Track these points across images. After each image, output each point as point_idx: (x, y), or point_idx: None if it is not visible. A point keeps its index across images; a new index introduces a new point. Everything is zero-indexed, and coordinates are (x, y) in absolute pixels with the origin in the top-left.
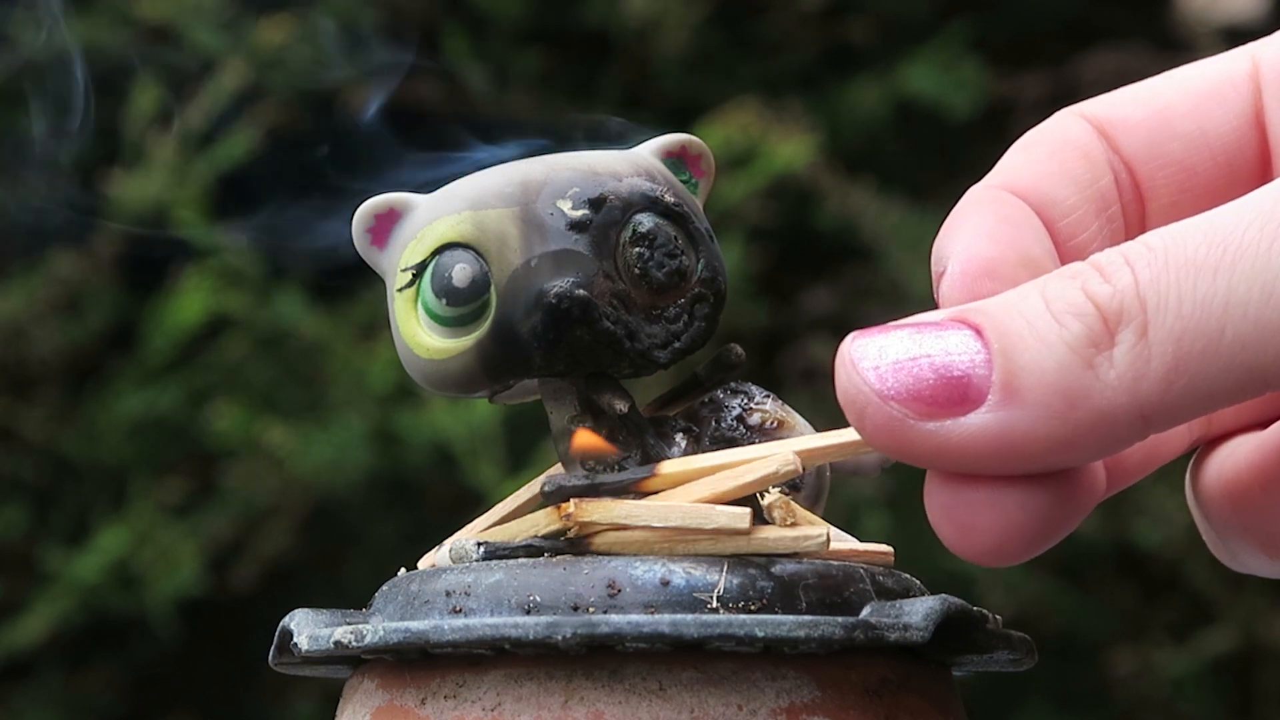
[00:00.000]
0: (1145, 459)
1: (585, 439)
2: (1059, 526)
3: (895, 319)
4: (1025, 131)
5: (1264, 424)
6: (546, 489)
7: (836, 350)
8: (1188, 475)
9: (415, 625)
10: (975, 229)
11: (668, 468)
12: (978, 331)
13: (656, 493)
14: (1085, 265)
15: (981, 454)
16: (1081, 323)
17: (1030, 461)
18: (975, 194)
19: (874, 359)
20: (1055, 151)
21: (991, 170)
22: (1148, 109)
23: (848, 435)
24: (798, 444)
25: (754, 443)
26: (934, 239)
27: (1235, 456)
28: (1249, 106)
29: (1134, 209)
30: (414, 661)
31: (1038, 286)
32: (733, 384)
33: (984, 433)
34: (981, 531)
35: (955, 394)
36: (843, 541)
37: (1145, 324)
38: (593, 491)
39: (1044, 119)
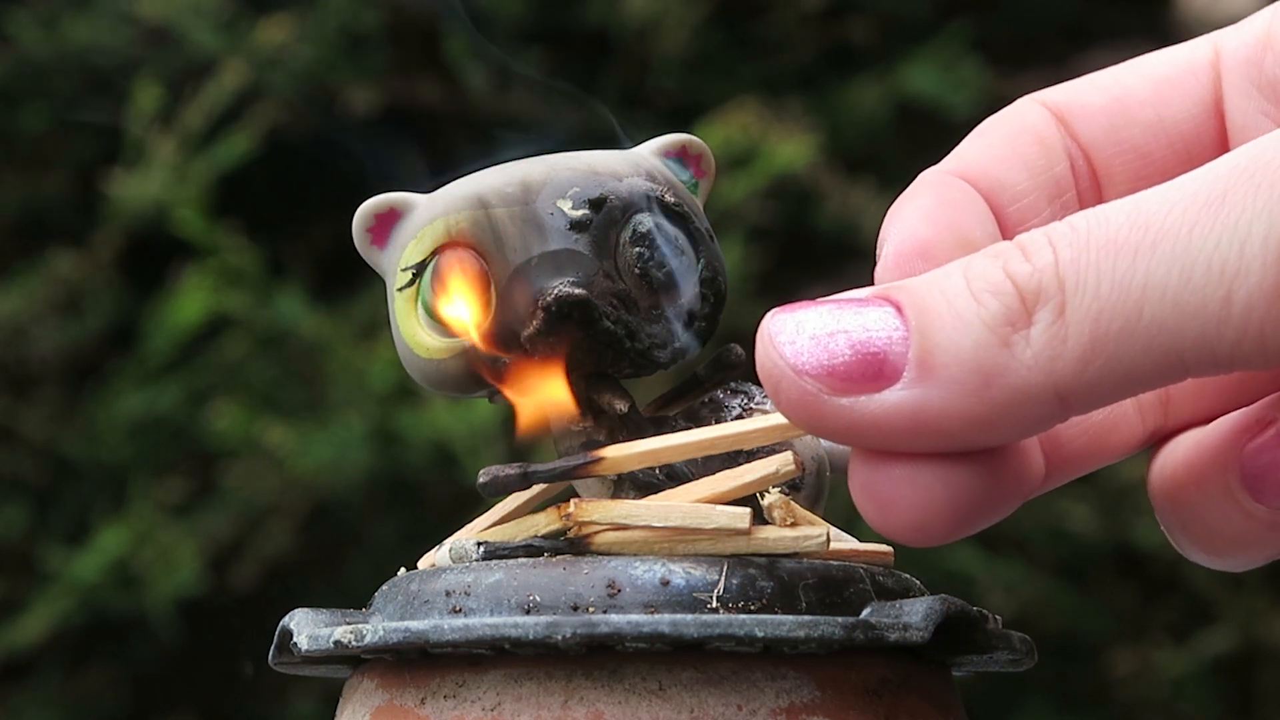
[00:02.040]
0: (1091, 450)
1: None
2: (986, 508)
3: None
4: None
5: (1207, 421)
6: (482, 479)
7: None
8: (1146, 470)
9: (415, 625)
10: (915, 211)
11: (610, 452)
12: (898, 308)
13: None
14: (1009, 245)
15: (896, 430)
16: (999, 301)
17: (946, 439)
18: (924, 177)
19: (790, 334)
20: (1009, 137)
21: (946, 157)
22: (1107, 96)
23: (777, 419)
24: (729, 429)
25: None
26: None
27: (1175, 454)
28: (1209, 94)
29: (1090, 196)
30: (414, 661)
31: (961, 265)
32: (733, 384)
33: (898, 409)
34: (901, 508)
35: (870, 370)
36: (843, 541)
37: (1063, 304)
38: (525, 481)
39: None
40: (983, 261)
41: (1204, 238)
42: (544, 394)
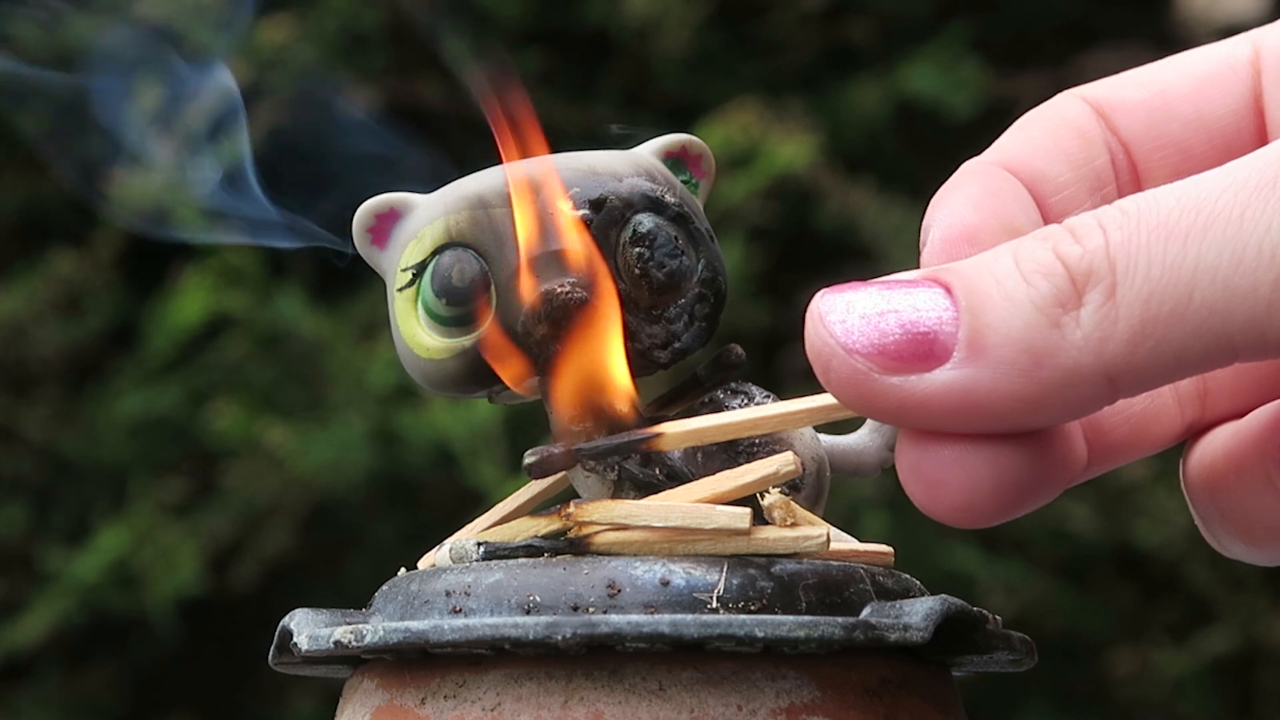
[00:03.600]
0: (1132, 439)
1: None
2: (1031, 491)
3: None
4: None
5: (1241, 414)
6: (529, 460)
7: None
8: (1180, 462)
9: (415, 625)
10: (961, 198)
11: (669, 428)
12: (947, 290)
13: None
14: (1059, 227)
15: (946, 410)
16: (1050, 282)
17: (995, 420)
18: (967, 167)
19: (841, 313)
20: (1051, 130)
21: (989, 148)
22: (1147, 91)
23: (823, 400)
24: (775, 409)
25: (754, 443)
26: None
27: (1214, 444)
28: (1248, 91)
29: (1130, 190)
30: (414, 661)
31: (1010, 248)
32: (733, 384)
33: (948, 389)
34: (949, 490)
35: (921, 349)
36: (843, 541)
37: (1114, 285)
38: (572, 459)
39: None
40: (1032, 244)
41: (1255, 222)
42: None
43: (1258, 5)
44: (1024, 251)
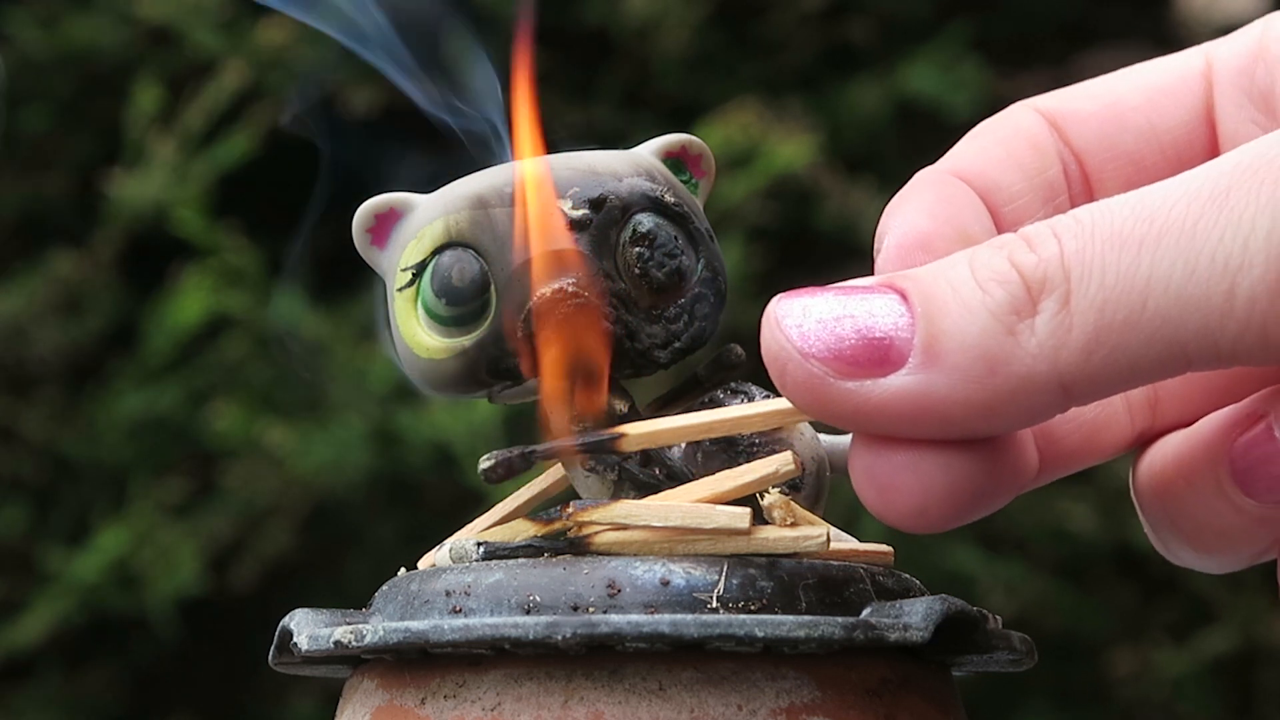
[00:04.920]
0: (1083, 448)
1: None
2: (983, 498)
3: None
4: None
5: (1189, 423)
6: (484, 464)
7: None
8: (1130, 471)
9: (415, 625)
10: (916, 206)
11: (632, 429)
12: (903, 296)
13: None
14: (1014, 236)
15: (900, 415)
16: (1005, 290)
17: (949, 426)
18: (921, 176)
19: (797, 317)
20: (1003, 140)
21: (942, 158)
22: (1100, 103)
23: (779, 404)
24: (732, 412)
25: (754, 443)
26: None
27: (1164, 451)
28: (1200, 103)
29: (1083, 200)
30: (414, 661)
31: (966, 255)
32: (733, 384)
33: (903, 394)
34: (901, 494)
35: (876, 355)
36: (843, 541)
37: (1068, 293)
38: (526, 461)
39: None
40: (988, 252)
41: (1208, 231)
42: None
43: (1257, 5)
44: (979, 259)
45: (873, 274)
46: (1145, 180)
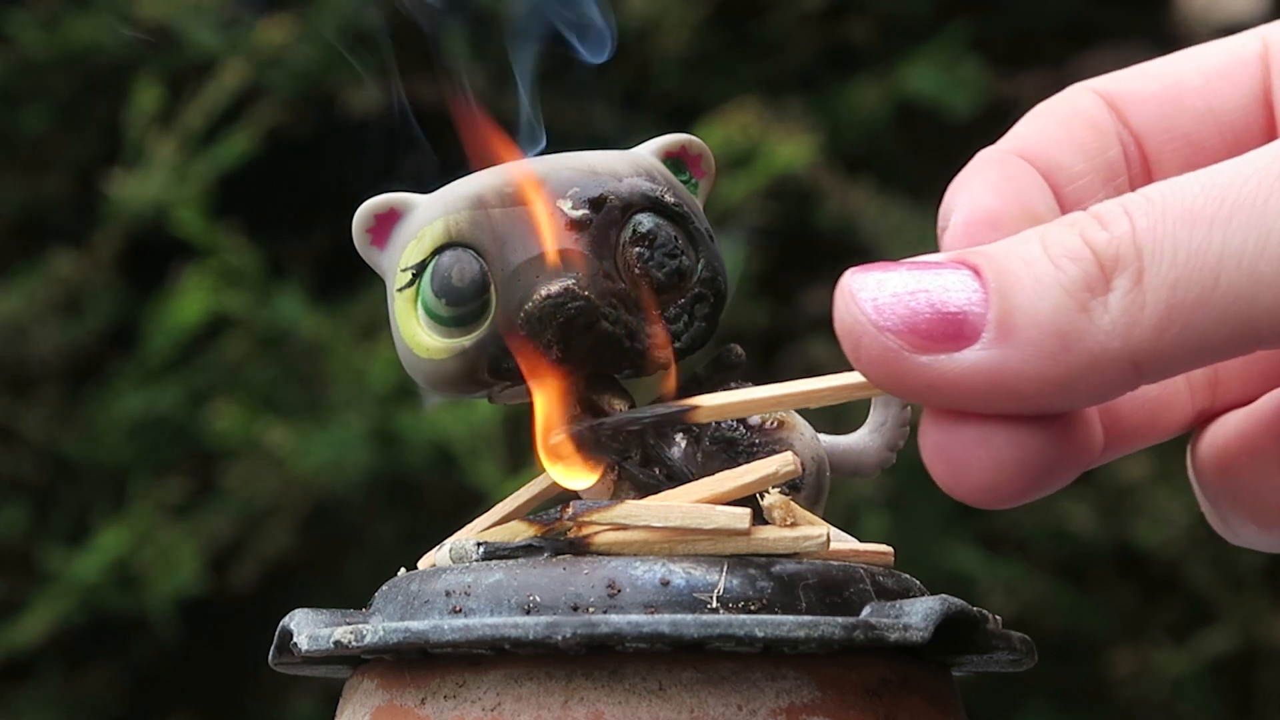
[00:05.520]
0: (1147, 425)
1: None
2: (1051, 473)
3: None
4: None
5: (1249, 401)
6: (554, 439)
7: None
8: (1188, 449)
9: (415, 625)
10: (981, 184)
11: (705, 400)
12: (976, 271)
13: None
14: (1084, 214)
15: (974, 390)
16: (1078, 267)
17: (1021, 401)
18: (984, 155)
19: (872, 291)
20: (1064, 121)
21: (1002, 138)
22: (1159, 84)
23: (850, 378)
24: (801, 386)
25: (754, 443)
26: (934, 238)
27: (1227, 429)
28: (1258, 85)
29: (1142, 182)
30: (414, 661)
31: (1038, 232)
32: (733, 384)
33: (977, 369)
34: (972, 469)
35: (951, 329)
36: (843, 541)
37: (1140, 271)
38: (594, 434)
39: None
40: (1059, 229)
41: (1279, 208)
42: (544, 393)
43: (1257, 5)
44: (1051, 236)
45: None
46: (1204, 161)
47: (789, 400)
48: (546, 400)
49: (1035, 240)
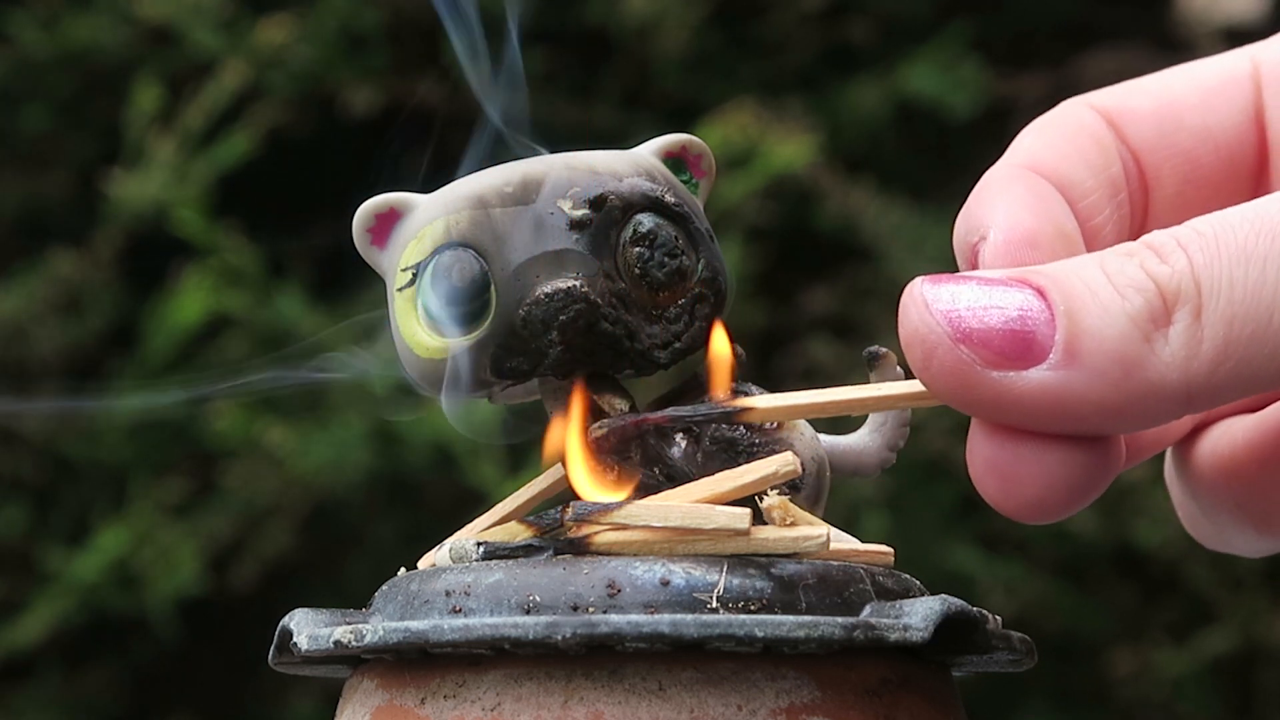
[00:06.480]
0: (1156, 437)
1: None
2: (1091, 488)
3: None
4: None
5: (1255, 409)
6: (596, 433)
7: (902, 294)
8: (1169, 457)
9: (415, 625)
10: (1014, 200)
11: (759, 402)
12: (1040, 292)
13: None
14: (1139, 245)
15: (1038, 409)
16: (1143, 298)
17: (1079, 423)
18: (1002, 170)
19: (948, 302)
20: (1071, 136)
21: (1007, 152)
22: (1157, 101)
23: (909, 386)
24: (855, 392)
25: (754, 443)
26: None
27: (1230, 435)
28: (1250, 105)
29: (1139, 198)
30: (414, 661)
31: (1095, 260)
32: (733, 384)
33: (1043, 389)
34: (1024, 485)
35: (1021, 347)
36: (843, 541)
37: (1199, 307)
38: (637, 430)
39: None
40: (1118, 259)
41: None
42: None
43: (1257, 5)
44: (1112, 265)
45: (921, 273)
46: (1200, 178)
47: (842, 405)
48: (579, 400)
49: (1094, 266)
